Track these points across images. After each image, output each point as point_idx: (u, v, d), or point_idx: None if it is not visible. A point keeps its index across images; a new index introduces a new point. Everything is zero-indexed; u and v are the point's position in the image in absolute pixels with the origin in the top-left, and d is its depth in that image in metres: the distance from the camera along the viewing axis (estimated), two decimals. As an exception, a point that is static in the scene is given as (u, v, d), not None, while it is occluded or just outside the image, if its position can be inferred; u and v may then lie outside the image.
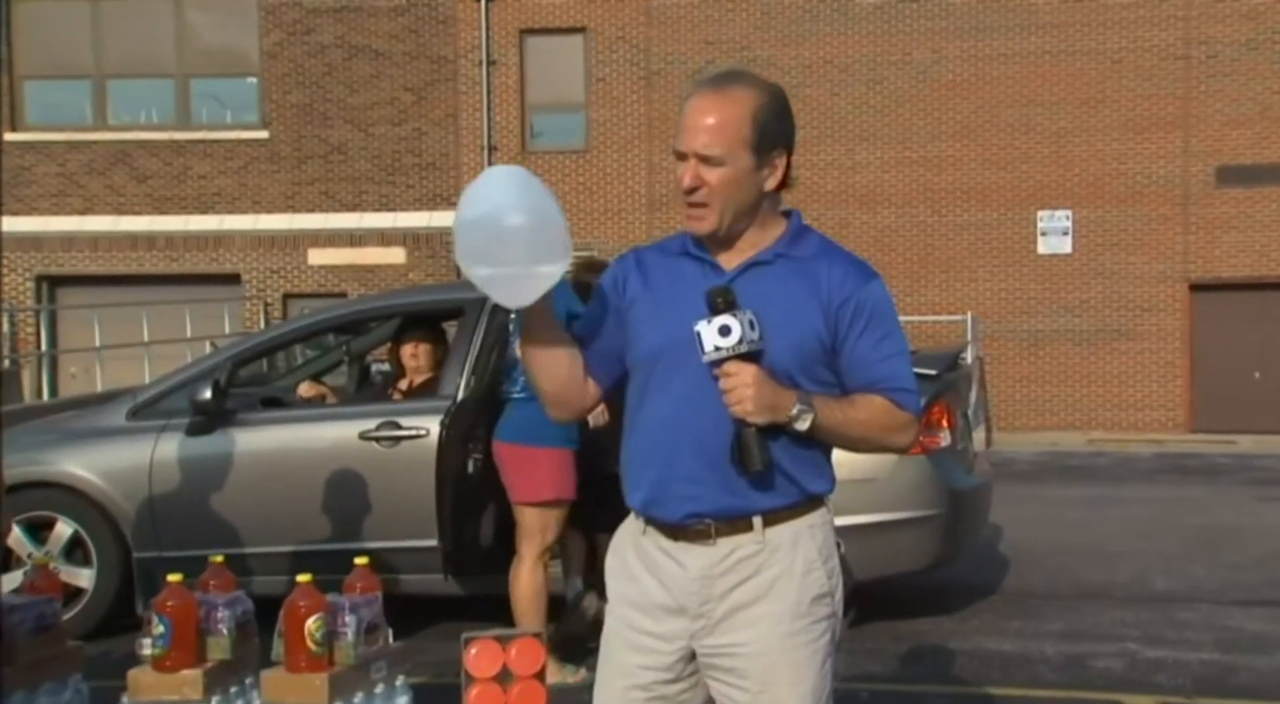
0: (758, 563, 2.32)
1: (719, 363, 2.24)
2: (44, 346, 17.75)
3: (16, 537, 5.89)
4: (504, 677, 3.95)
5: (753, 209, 2.32)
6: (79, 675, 4.35)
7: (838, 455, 2.45)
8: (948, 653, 5.66)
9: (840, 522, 2.75)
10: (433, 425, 5.57)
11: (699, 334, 2.24)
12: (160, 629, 3.80)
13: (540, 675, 3.96)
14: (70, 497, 5.89)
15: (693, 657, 2.37)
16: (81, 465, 5.92)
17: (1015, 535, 8.17)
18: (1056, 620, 6.20)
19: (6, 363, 16.28)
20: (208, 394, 5.69)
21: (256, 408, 6.15)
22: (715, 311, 2.24)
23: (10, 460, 6.11)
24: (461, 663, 3.95)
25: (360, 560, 4.17)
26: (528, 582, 4.85)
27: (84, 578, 5.86)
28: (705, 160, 2.27)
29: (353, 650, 3.83)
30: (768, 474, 2.28)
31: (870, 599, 5.81)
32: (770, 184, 2.31)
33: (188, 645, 3.83)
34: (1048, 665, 5.45)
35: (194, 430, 5.81)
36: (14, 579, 5.62)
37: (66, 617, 4.94)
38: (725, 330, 2.23)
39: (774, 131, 2.28)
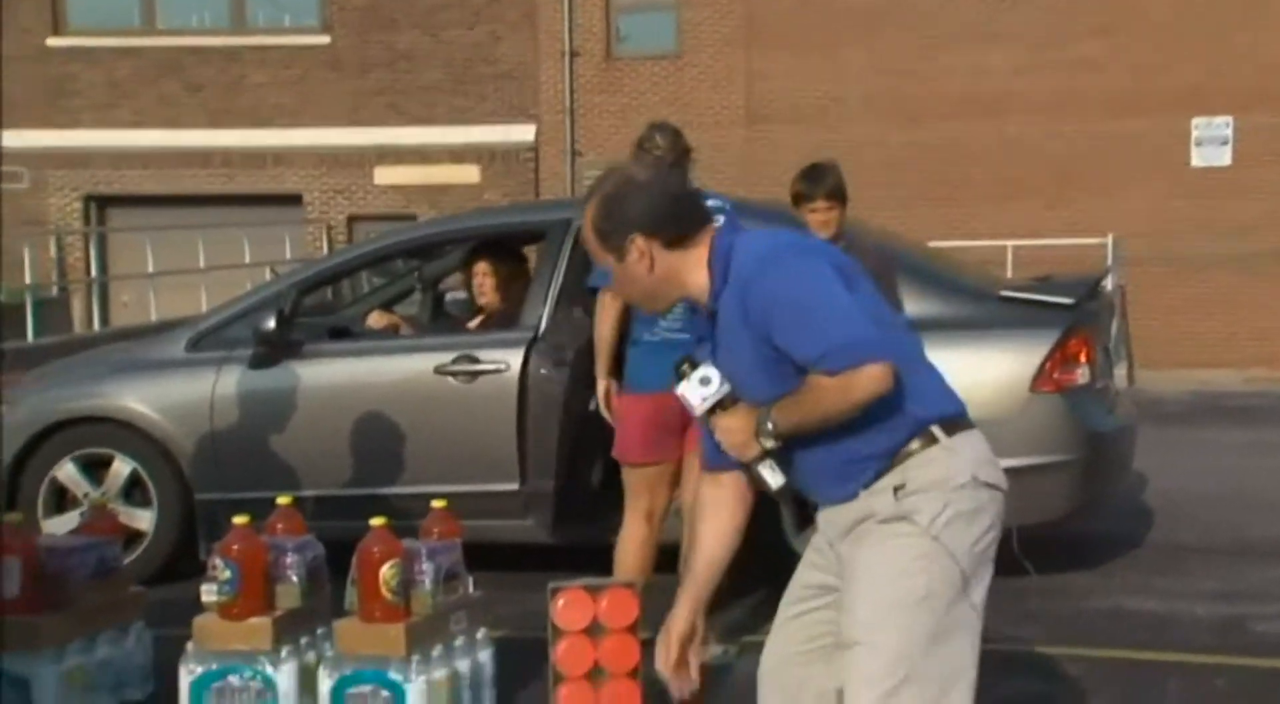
0: (866, 505, 2.69)
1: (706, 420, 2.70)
2: (94, 272, 18.15)
3: (72, 475, 6.08)
4: (594, 629, 4.01)
5: (656, 284, 2.70)
6: (141, 623, 4.50)
7: (962, 391, 2.73)
8: (1085, 613, 5.62)
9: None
10: (513, 359, 5.62)
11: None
12: (226, 574, 3.90)
13: (633, 629, 4.01)
14: (127, 433, 6.05)
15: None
16: (139, 399, 6.07)
17: (1163, 484, 8.05)
18: (1210, 578, 6.11)
19: (55, 290, 16.73)
20: (272, 323, 5.79)
21: (324, 339, 6.24)
22: (680, 379, 2.67)
23: (63, 394, 6.31)
24: (548, 615, 4.02)
25: (437, 503, 4.24)
26: (647, 534, 4.81)
27: (144, 520, 6.03)
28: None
29: (431, 600, 3.91)
30: (798, 485, 2.70)
31: (997, 553, 5.76)
32: (642, 267, 2.67)
33: (255, 592, 3.93)
34: (1200, 627, 5.38)
35: (258, 363, 5.92)
36: (69, 520, 5.82)
37: (126, 560, 5.10)
38: (686, 398, 2.67)
39: (610, 230, 2.68)
